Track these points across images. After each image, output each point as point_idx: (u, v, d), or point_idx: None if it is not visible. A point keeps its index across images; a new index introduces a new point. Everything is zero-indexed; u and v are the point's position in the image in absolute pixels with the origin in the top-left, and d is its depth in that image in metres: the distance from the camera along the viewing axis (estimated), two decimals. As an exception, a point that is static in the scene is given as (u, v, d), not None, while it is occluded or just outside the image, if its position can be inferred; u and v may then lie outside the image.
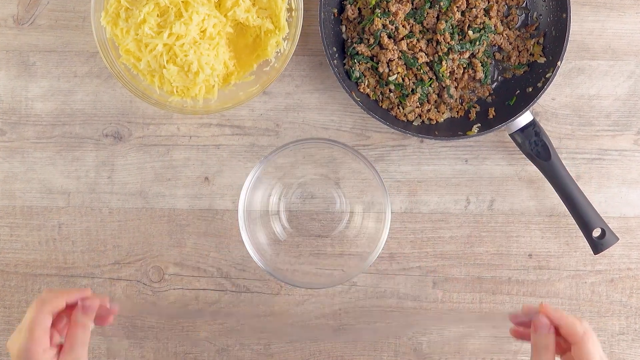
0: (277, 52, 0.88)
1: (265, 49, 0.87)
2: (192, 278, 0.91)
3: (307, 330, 0.91)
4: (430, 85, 0.89)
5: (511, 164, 0.91)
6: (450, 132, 0.88)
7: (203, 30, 0.84)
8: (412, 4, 0.89)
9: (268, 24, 0.86)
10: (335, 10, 0.89)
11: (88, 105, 0.92)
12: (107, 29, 0.85)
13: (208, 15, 0.83)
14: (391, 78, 0.88)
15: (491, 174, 0.91)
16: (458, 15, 0.88)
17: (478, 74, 0.89)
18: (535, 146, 0.86)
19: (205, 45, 0.84)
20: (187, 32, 0.82)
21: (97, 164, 0.92)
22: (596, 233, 0.86)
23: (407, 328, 0.90)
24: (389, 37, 0.88)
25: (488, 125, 0.88)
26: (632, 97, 0.91)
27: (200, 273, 0.91)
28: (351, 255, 0.89)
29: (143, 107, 0.91)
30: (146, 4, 0.82)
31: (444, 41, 0.87)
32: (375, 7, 0.87)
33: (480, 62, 0.89)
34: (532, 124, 0.87)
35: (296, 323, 0.91)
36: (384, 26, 0.87)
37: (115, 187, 0.92)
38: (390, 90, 0.89)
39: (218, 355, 0.91)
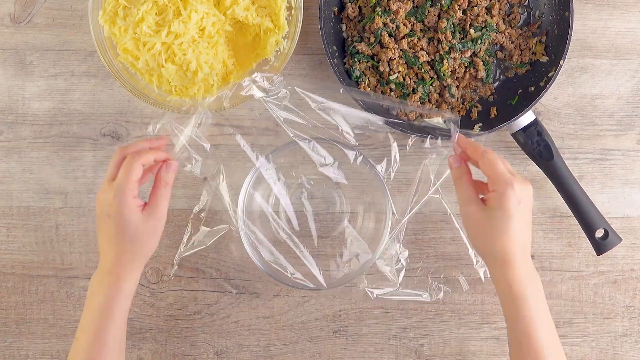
0: (277, 51, 0.88)
1: (264, 48, 0.87)
2: (191, 279, 0.91)
3: (307, 331, 0.90)
4: (431, 84, 0.89)
5: (513, 164, 0.91)
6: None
7: (202, 28, 0.84)
8: (413, 2, 0.88)
9: (267, 23, 0.86)
10: (335, 8, 0.89)
11: (86, 104, 0.91)
12: (105, 28, 0.85)
13: (207, 13, 0.83)
14: (392, 77, 0.88)
15: (493, 174, 0.90)
16: (459, 13, 0.87)
17: (480, 73, 0.89)
18: (537, 146, 0.86)
19: (204, 44, 0.84)
20: (186, 31, 0.82)
21: (95, 164, 0.91)
22: (599, 234, 0.86)
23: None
24: (390, 36, 0.88)
25: (490, 124, 0.87)
26: (636, 97, 0.91)
27: (199, 274, 0.91)
28: (352, 256, 0.89)
29: (141, 107, 0.91)
30: (144, 3, 0.82)
31: (445, 40, 0.87)
32: (375, 6, 0.87)
33: (482, 61, 0.89)
34: (535, 124, 0.87)
35: (296, 325, 0.90)
36: (385, 25, 0.87)
37: (113, 188, 0.91)
38: (391, 89, 0.89)
39: (217, 357, 0.90)
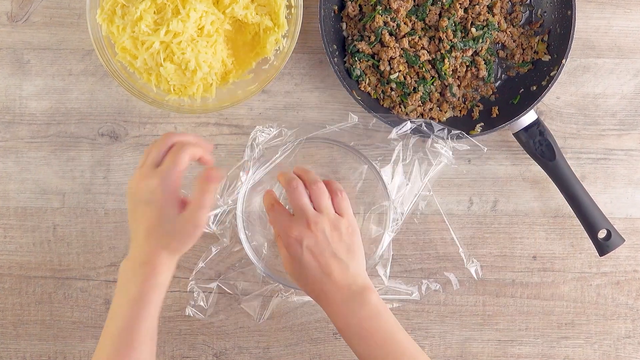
0: (276, 50, 0.87)
1: (264, 47, 0.87)
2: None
3: (307, 333, 0.90)
4: (432, 83, 0.88)
5: (515, 164, 0.90)
6: (453, 132, 0.88)
7: (201, 27, 0.84)
8: (414, 1, 0.88)
9: (267, 21, 0.86)
10: (335, 7, 0.89)
11: (83, 104, 0.91)
12: (103, 27, 0.85)
13: (206, 12, 0.83)
14: (392, 76, 0.88)
15: (495, 174, 0.90)
16: (461, 12, 0.87)
17: (481, 72, 0.89)
18: (539, 146, 0.86)
19: (203, 42, 0.84)
20: (185, 30, 0.82)
21: (93, 164, 0.91)
22: (602, 234, 0.86)
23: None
24: (391, 35, 0.87)
25: (491, 124, 0.87)
26: (639, 96, 0.91)
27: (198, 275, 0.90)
28: None
29: (139, 106, 0.91)
30: (142, 1, 0.82)
31: (447, 39, 0.87)
32: (376, 4, 0.87)
33: (483, 60, 0.88)
34: (537, 123, 0.86)
35: (295, 326, 0.90)
36: (386, 23, 0.86)
37: (111, 188, 0.91)
38: (391, 88, 0.89)
39: (216, 359, 0.90)
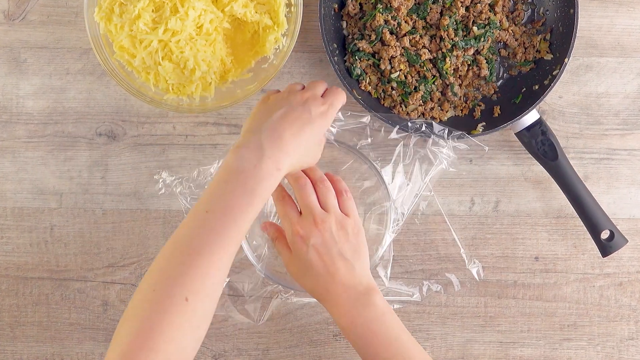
0: (276, 49, 0.87)
1: (263, 46, 0.86)
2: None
3: (307, 335, 0.90)
4: (433, 82, 0.88)
5: (517, 164, 0.90)
6: (454, 131, 0.88)
7: (199, 26, 0.83)
8: (415, -1, 0.87)
9: (266, 20, 0.86)
10: (335, 5, 0.89)
11: (81, 103, 0.91)
12: (101, 25, 0.85)
13: (204, 10, 0.83)
14: (393, 75, 0.87)
15: (496, 174, 0.90)
16: (462, 10, 0.87)
17: (483, 71, 0.88)
18: (541, 145, 0.86)
19: (201, 41, 0.84)
20: (183, 28, 0.82)
21: (91, 164, 0.90)
22: (605, 235, 0.86)
23: None
24: (391, 33, 0.87)
25: (493, 124, 0.87)
26: (642, 95, 0.90)
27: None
28: None
29: (138, 105, 0.90)
30: (141, -1, 0.81)
31: (448, 37, 0.86)
32: (377, 3, 0.87)
33: (485, 59, 0.88)
34: (539, 123, 0.86)
35: (295, 328, 0.89)
36: (386, 22, 0.86)
37: (109, 188, 0.90)
38: (392, 88, 0.88)
39: (215, 361, 0.90)
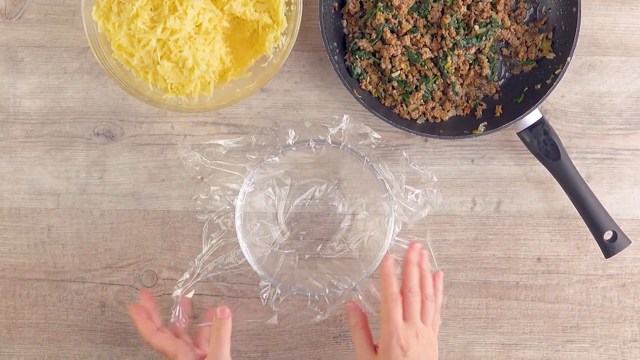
0: (276, 48, 0.87)
1: (263, 45, 0.86)
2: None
3: (307, 336, 0.90)
4: (434, 81, 0.88)
5: (519, 164, 0.90)
6: (455, 131, 0.87)
7: (198, 24, 0.83)
8: (416, -2, 0.87)
9: (266, 18, 0.86)
10: (336, 4, 0.89)
11: (79, 102, 0.91)
12: (99, 24, 0.85)
13: (203, 9, 0.83)
14: (394, 74, 0.87)
15: (498, 175, 0.90)
16: (464, 9, 0.87)
17: (484, 71, 0.88)
18: (544, 145, 0.86)
19: (200, 40, 0.83)
20: (182, 27, 0.82)
21: (88, 164, 0.90)
22: (607, 236, 0.86)
23: None
24: (392, 32, 0.87)
25: (495, 123, 0.87)
26: (645, 95, 0.90)
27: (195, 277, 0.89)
28: (353, 259, 0.88)
29: (136, 105, 0.90)
30: (139, -2, 0.81)
31: (449, 36, 0.86)
32: (377, 1, 0.87)
33: (486, 58, 0.88)
34: (541, 123, 0.86)
35: (295, 329, 0.89)
36: (387, 20, 0.86)
37: (107, 188, 0.90)
38: (393, 87, 0.88)
39: (214, 363, 0.89)
